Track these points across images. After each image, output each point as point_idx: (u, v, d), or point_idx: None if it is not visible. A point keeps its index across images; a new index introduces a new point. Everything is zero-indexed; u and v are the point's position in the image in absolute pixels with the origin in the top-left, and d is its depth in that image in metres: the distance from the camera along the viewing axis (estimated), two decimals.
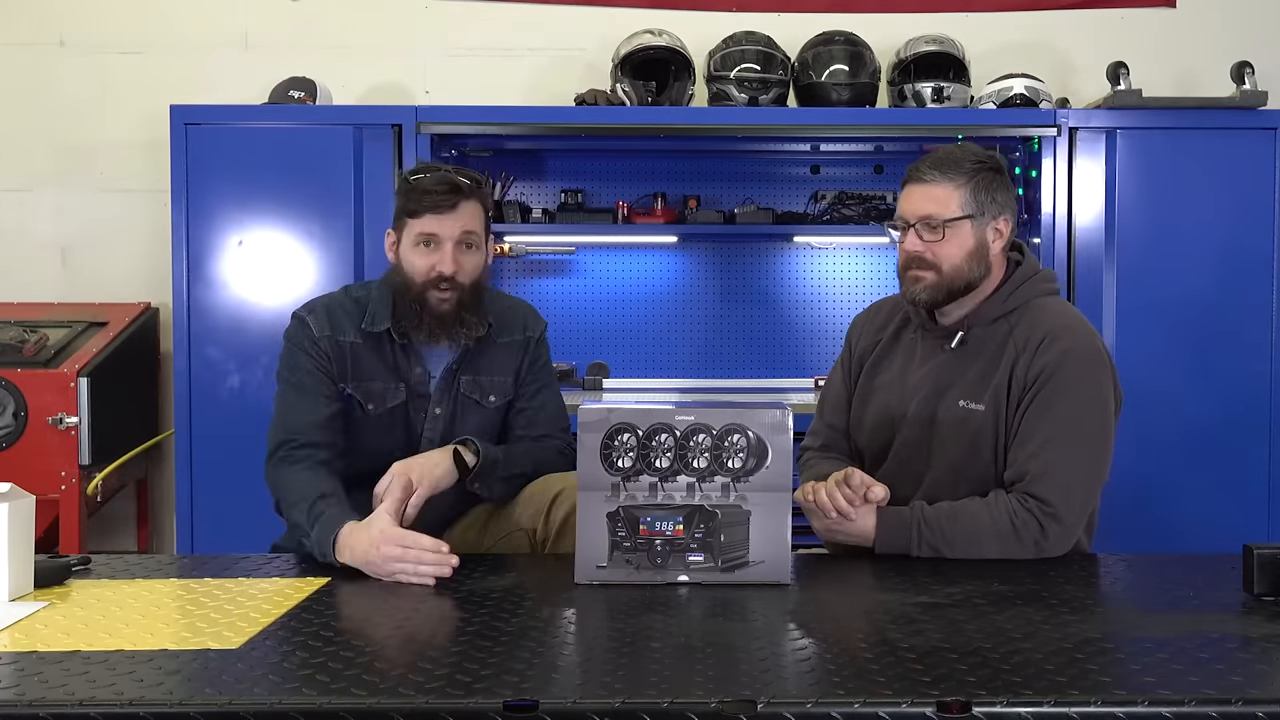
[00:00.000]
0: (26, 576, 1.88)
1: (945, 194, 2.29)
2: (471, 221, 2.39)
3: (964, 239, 2.29)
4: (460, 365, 2.45)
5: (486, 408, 2.48)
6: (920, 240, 2.29)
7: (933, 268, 2.29)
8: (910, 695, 1.38)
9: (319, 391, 2.35)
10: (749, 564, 1.92)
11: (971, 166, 2.31)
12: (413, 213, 2.37)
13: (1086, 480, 2.21)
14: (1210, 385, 3.85)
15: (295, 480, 2.25)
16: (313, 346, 2.37)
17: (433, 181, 2.36)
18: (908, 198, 2.33)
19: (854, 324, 2.57)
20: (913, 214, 2.31)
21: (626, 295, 4.53)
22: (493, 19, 4.48)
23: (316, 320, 2.39)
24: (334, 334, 2.38)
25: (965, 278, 2.29)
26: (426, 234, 2.36)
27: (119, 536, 4.45)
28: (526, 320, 2.57)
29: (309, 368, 2.36)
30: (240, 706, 1.37)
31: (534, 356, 2.54)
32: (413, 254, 2.38)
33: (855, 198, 4.42)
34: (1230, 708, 1.36)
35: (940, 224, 2.28)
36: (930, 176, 2.30)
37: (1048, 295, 2.36)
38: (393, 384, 2.40)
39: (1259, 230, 3.86)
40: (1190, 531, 3.69)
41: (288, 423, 2.33)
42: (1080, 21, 4.49)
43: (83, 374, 3.85)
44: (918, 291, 2.30)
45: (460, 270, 2.37)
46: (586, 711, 1.36)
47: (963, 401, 2.28)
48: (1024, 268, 2.36)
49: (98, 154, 4.46)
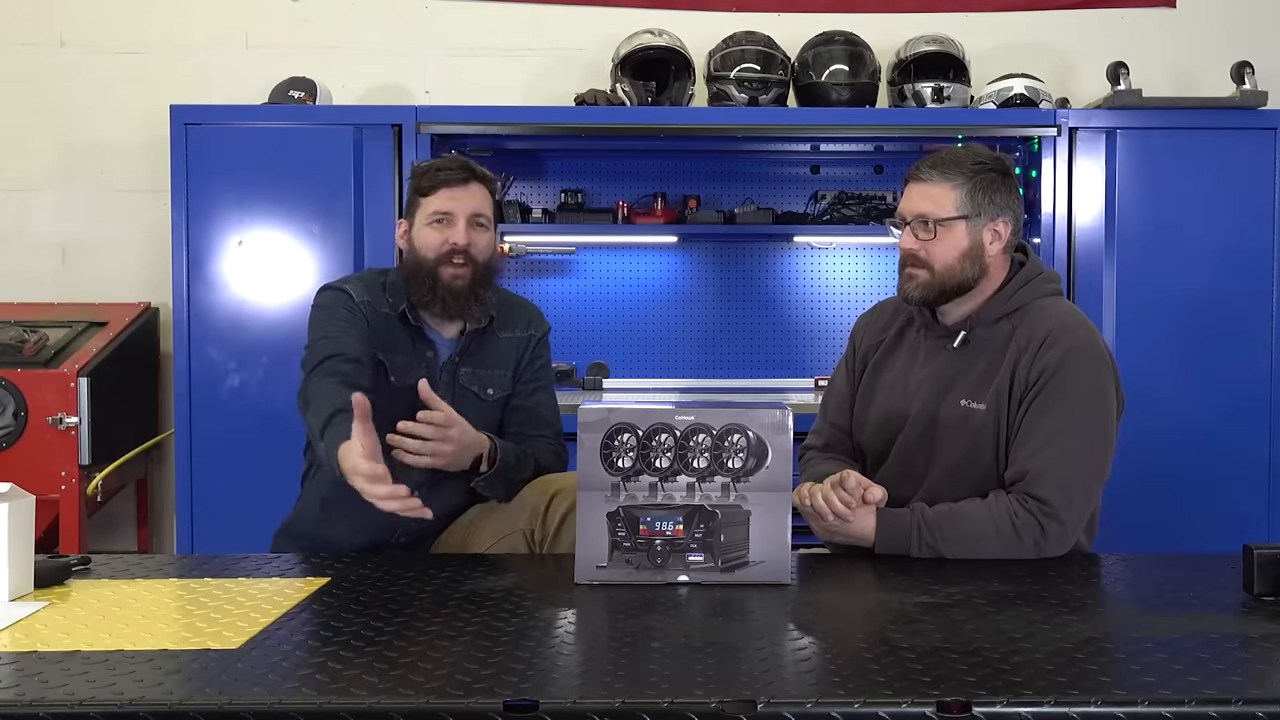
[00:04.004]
0: (26, 576, 1.88)
1: (941, 193, 2.30)
2: (483, 203, 2.47)
3: (958, 239, 2.29)
4: (462, 357, 2.48)
5: (485, 400, 2.50)
6: (915, 238, 2.31)
7: (925, 266, 2.30)
8: (910, 695, 1.38)
9: (361, 335, 2.39)
10: (749, 564, 1.92)
11: (972, 167, 2.31)
12: (426, 191, 2.46)
13: (1087, 480, 2.21)
14: (1210, 385, 3.85)
15: (328, 390, 2.25)
16: (354, 307, 2.42)
17: (444, 162, 2.48)
18: (906, 196, 2.36)
19: (858, 323, 2.57)
20: (909, 212, 2.33)
21: (626, 295, 4.52)
22: (493, 19, 4.49)
23: (355, 289, 2.46)
24: (373, 302, 2.45)
25: (958, 278, 2.30)
26: (440, 211, 2.44)
27: (119, 536, 4.45)
28: (531, 319, 2.61)
29: (349, 319, 2.40)
30: (240, 706, 1.37)
31: (535, 355, 2.57)
32: (426, 231, 2.45)
33: (855, 198, 4.42)
34: (1230, 708, 1.36)
35: (934, 223, 2.29)
36: (928, 176, 2.32)
37: (1051, 296, 2.37)
38: (415, 361, 2.45)
39: (1259, 230, 3.86)
40: (1190, 531, 3.70)
41: (337, 344, 2.34)
42: (1080, 21, 4.49)
43: (83, 374, 3.85)
44: (911, 289, 2.32)
45: (474, 245, 2.44)
46: (586, 711, 1.36)
47: (965, 401, 2.28)
48: (1027, 268, 2.36)
49: (98, 154, 4.46)
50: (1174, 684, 1.42)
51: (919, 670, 1.47)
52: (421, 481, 2.30)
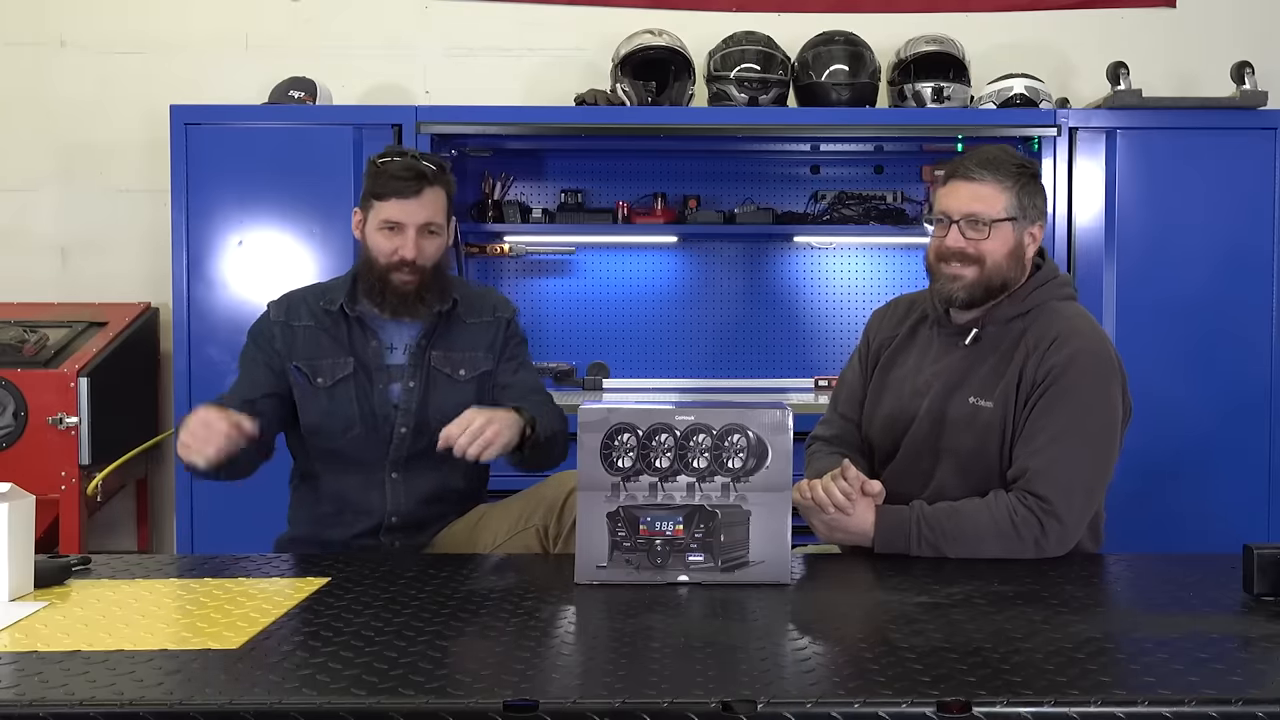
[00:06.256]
0: (26, 576, 1.88)
1: (992, 193, 2.29)
2: (434, 210, 2.52)
3: (1006, 239, 2.29)
4: (430, 341, 2.57)
5: (457, 380, 2.57)
6: (963, 237, 2.29)
7: (976, 262, 2.28)
8: (910, 695, 1.38)
9: (254, 376, 2.55)
10: (749, 564, 1.92)
11: (1015, 169, 2.31)
12: (379, 196, 2.50)
13: (1088, 480, 2.21)
14: (1210, 385, 3.85)
15: None
16: (263, 336, 2.57)
17: (399, 168, 2.49)
18: (953, 194, 2.32)
19: (873, 317, 2.57)
20: (958, 210, 2.30)
21: (626, 295, 4.52)
22: (492, 19, 4.48)
23: (276, 308, 2.60)
24: (288, 319, 2.57)
25: (1003, 276, 2.29)
26: (391, 220, 2.50)
27: (119, 536, 4.45)
28: (496, 304, 2.69)
29: (252, 354, 2.58)
30: (240, 706, 1.37)
31: (510, 335, 2.66)
32: (377, 236, 2.52)
33: (855, 198, 4.42)
34: (1230, 708, 1.36)
35: (988, 223, 2.28)
36: (979, 175, 2.29)
37: (1064, 300, 2.37)
38: (340, 358, 2.53)
39: (1259, 230, 3.87)
40: (1190, 531, 3.70)
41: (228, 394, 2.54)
42: (1080, 21, 4.49)
43: (83, 374, 3.85)
44: (956, 288, 2.30)
45: (421, 255, 2.50)
46: (586, 711, 1.36)
47: (973, 398, 2.28)
48: (1044, 271, 2.37)
49: (98, 154, 4.46)
50: (1174, 684, 1.42)
51: (919, 670, 1.47)
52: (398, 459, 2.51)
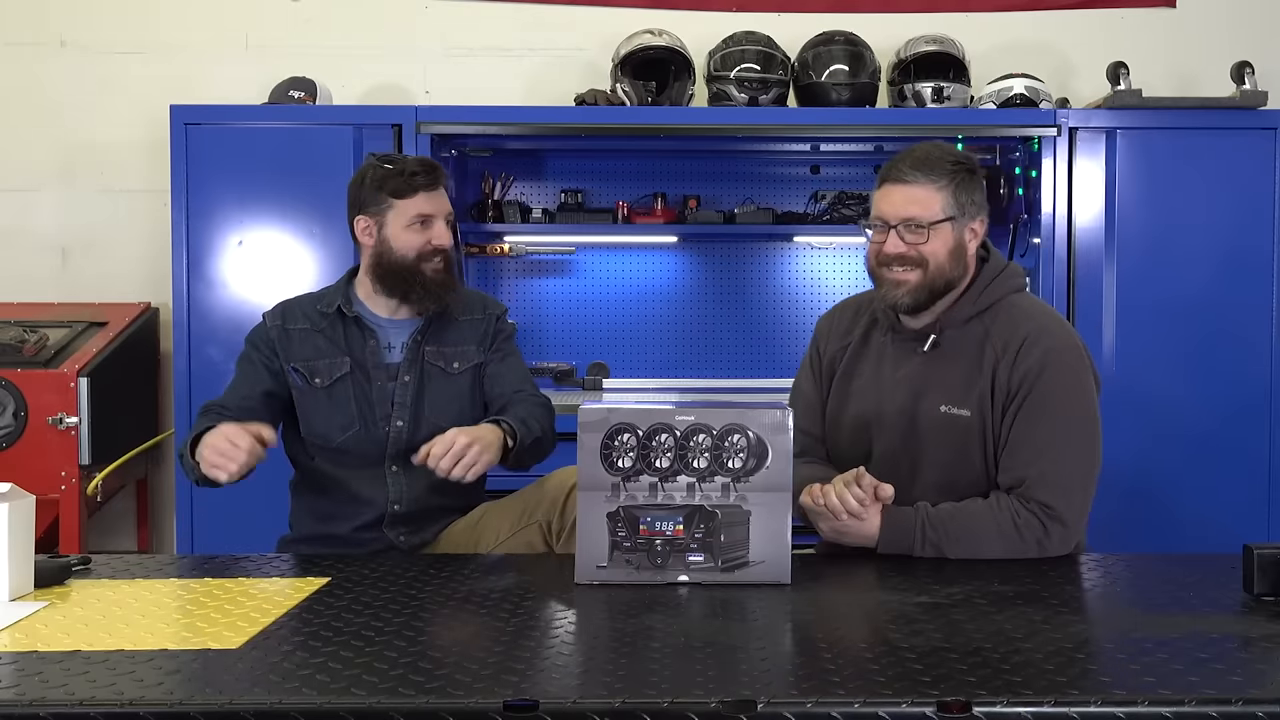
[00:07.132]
0: (26, 576, 1.88)
1: (928, 195, 2.25)
2: (448, 202, 2.66)
3: (946, 239, 2.26)
4: (425, 337, 2.62)
5: (451, 374, 2.63)
6: (902, 242, 2.26)
7: (919, 265, 2.25)
8: (910, 695, 1.38)
9: (252, 379, 2.61)
10: (749, 564, 1.92)
11: (951, 167, 2.27)
12: (400, 194, 2.58)
13: (1084, 478, 2.22)
14: (1210, 385, 3.85)
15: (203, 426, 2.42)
16: (260, 339, 2.63)
17: (417, 164, 2.61)
18: (888, 198, 2.28)
19: (819, 325, 2.52)
20: (894, 215, 2.26)
21: (626, 295, 4.53)
22: (492, 19, 4.49)
23: (272, 314, 2.67)
24: (284, 324, 2.63)
25: (946, 277, 2.27)
26: (422, 214, 2.58)
27: (119, 536, 4.45)
28: (485, 303, 2.76)
29: (249, 357, 2.64)
30: (240, 706, 1.37)
31: (498, 330, 2.73)
32: (406, 234, 2.58)
33: (855, 198, 4.42)
34: (1230, 708, 1.36)
35: (926, 225, 2.24)
36: (912, 177, 2.26)
37: (1018, 292, 2.35)
38: (337, 358, 2.59)
39: (1259, 230, 3.86)
40: (1190, 531, 3.70)
41: (224, 395, 2.61)
42: (1080, 21, 4.49)
43: (83, 374, 3.85)
44: (900, 295, 2.27)
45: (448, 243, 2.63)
46: (586, 711, 1.36)
47: (944, 406, 2.26)
48: (991, 265, 2.33)
49: (98, 154, 4.46)
50: (1174, 684, 1.42)
51: (919, 670, 1.47)
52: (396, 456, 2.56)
